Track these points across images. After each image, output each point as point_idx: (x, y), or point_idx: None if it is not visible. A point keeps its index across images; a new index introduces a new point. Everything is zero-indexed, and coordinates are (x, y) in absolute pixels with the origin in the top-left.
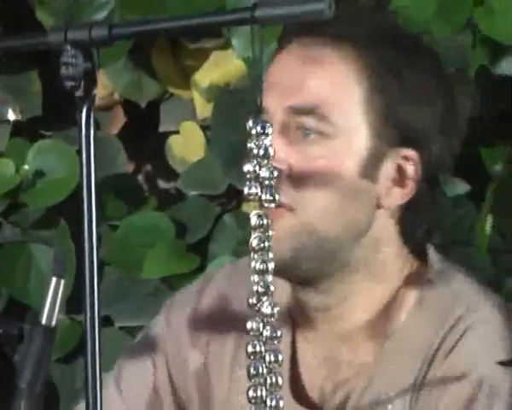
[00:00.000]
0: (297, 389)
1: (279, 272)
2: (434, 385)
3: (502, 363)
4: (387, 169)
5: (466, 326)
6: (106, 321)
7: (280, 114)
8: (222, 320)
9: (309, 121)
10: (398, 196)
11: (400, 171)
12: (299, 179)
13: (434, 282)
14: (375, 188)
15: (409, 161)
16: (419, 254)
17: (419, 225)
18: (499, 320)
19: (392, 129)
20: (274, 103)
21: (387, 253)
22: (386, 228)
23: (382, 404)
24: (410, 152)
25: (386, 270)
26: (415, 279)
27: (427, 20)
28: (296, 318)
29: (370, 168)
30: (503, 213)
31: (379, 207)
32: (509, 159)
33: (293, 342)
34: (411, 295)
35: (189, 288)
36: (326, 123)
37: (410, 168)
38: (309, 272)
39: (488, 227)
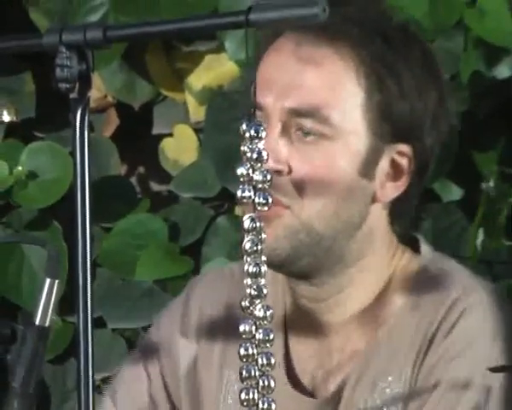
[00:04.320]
0: (292, 375)
1: (276, 267)
2: (433, 366)
3: (492, 369)
4: (383, 165)
5: (463, 307)
6: (98, 323)
7: (279, 115)
8: (209, 323)
9: (309, 123)
10: (392, 190)
11: (394, 165)
12: (298, 179)
13: (428, 267)
14: (371, 184)
15: (403, 155)
16: (407, 243)
17: (408, 214)
18: (494, 302)
19: (388, 125)
20: (271, 102)
21: (380, 243)
22: (379, 220)
23: (380, 388)
24: (405, 147)
25: (378, 260)
26: (407, 266)
27: (419, 19)
28: (289, 309)
29: (368, 166)
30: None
31: (374, 201)
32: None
33: (286, 333)
34: (405, 282)
35: (177, 298)
36: (326, 125)
37: (404, 163)
38: (305, 267)
39: (479, 242)
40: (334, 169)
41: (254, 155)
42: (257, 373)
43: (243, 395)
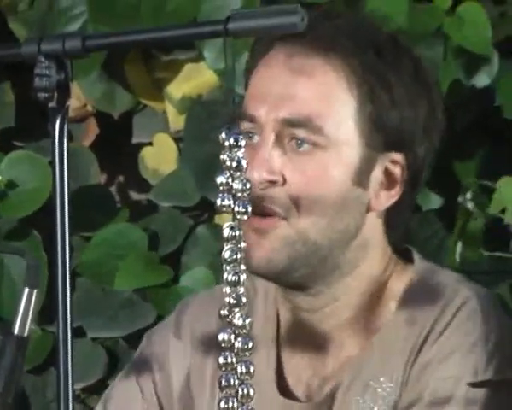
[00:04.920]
0: (284, 385)
1: (273, 278)
2: (424, 368)
3: (472, 385)
4: (376, 174)
5: (453, 313)
6: (78, 332)
7: (272, 126)
8: (201, 342)
9: (302, 133)
10: (386, 199)
11: (388, 174)
12: (293, 190)
13: (422, 276)
14: (365, 194)
15: (396, 164)
16: (400, 254)
17: (402, 225)
18: (489, 309)
19: (381, 135)
20: (264, 113)
21: (375, 252)
22: (374, 229)
23: (372, 389)
24: (398, 156)
25: (373, 268)
26: (401, 275)
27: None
28: (283, 322)
29: (362, 176)
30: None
31: (368, 210)
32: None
33: (278, 341)
34: (398, 290)
35: (168, 318)
36: (319, 134)
37: (397, 171)
38: (301, 277)
39: (457, 254)
40: (329, 179)
41: (234, 164)
42: (236, 382)
43: (222, 404)
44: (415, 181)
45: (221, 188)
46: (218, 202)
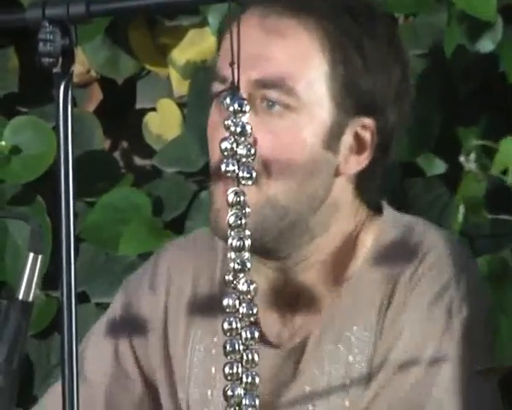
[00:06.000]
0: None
1: None
2: (398, 313)
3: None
4: (346, 138)
5: (424, 253)
6: (82, 297)
7: (244, 87)
8: (177, 285)
9: (274, 94)
10: (355, 163)
11: (358, 139)
12: (264, 152)
13: (390, 225)
14: (335, 158)
15: (366, 129)
16: (371, 207)
17: (373, 189)
18: (457, 254)
19: (352, 99)
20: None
21: (345, 214)
22: (344, 192)
23: (345, 337)
24: (368, 120)
25: (343, 228)
26: (369, 227)
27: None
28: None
29: (332, 140)
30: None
31: (337, 174)
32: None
33: None
34: (367, 239)
35: (145, 263)
36: (291, 96)
37: (367, 136)
38: (270, 242)
39: (460, 216)
40: (299, 141)
41: (238, 129)
42: (241, 347)
43: (227, 370)
44: (385, 147)
45: (225, 153)
46: (223, 167)
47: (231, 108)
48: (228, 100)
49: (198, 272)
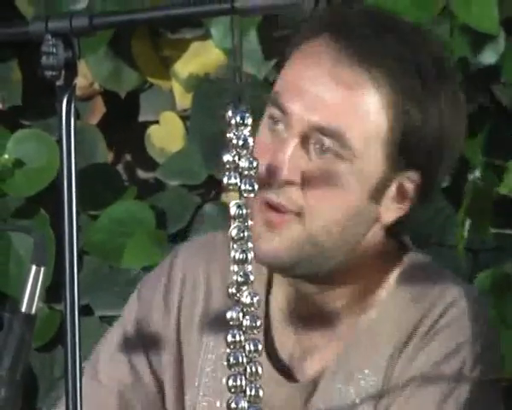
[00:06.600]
0: (272, 355)
1: (276, 271)
2: (409, 364)
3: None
4: (391, 189)
5: (444, 308)
6: (86, 310)
7: (302, 125)
8: (191, 291)
9: (329, 142)
10: (395, 212)
11: (401, 190)
12: (310, 191)
13: (413, 267)
14: (377, 207)
15: (411, 181)
16: (397, 245)
17: (405, 228)
18: (475, 306)
19: (405, 156)
20: (297, 110)
21: (374, 254)
22: (376, 235)
23: (355, 379)
24: (415, 174)
25: (372, 266)
26: (394, 261)
27: (405, 8)
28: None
29: (378, 192)
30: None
31: (376, 221)
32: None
33: (268, 318)
34: (390, 279)
35: (160, 266)
36: (345, 148)
37: (411, 188)
38: (304, 271)
39: (466, 230)
40: (346, 189)
41: (240, 142)
42: (244, 360)
43: (231, 382)
44: (425, 196)
45: (227, 166)
46: (225, 180)
47: (233, 121)
48: (230, 112)
49: (211, 282)
